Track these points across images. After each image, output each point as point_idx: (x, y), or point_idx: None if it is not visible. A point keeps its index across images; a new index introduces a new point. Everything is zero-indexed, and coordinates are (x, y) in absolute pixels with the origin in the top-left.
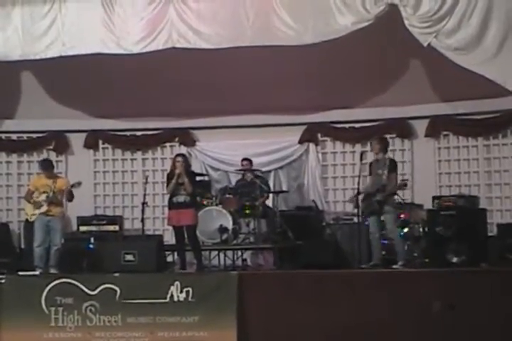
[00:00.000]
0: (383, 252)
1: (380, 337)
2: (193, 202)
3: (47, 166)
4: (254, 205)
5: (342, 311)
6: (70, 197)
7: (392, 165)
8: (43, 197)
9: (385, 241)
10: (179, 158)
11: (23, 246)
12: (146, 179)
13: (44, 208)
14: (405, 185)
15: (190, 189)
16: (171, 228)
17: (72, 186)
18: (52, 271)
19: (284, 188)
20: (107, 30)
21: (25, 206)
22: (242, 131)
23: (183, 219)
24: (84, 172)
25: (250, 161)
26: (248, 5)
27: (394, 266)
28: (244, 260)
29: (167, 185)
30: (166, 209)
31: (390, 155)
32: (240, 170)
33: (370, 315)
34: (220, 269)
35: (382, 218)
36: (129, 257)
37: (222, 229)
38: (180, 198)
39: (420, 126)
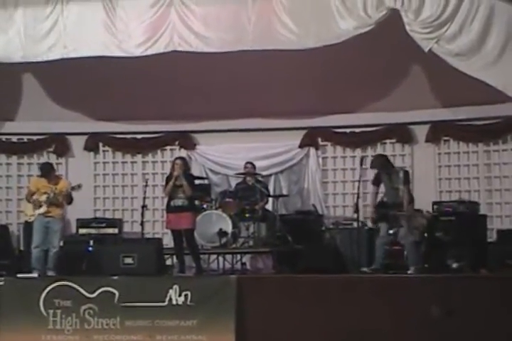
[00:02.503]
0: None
1: None
2: (191, 206)
3: (47, 170)
4: (254, 209)
5: (341, 316)
6: (69, 200)
7: (406, 178)
8: (44, 197)
9: (387, 247)
10: (178, 161)
11: (22, 248)
12: (146, 182)
13: (44, 209)
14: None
15: (190, 192)
16: (170, 231)
17: (73, 189)
18: (50, 273)
19: (284, 192)
20: (108, 32)
21: (24, 207)
22: (242, 134)
23: (182, 222)
24: (84, 175)
25: (253, 165)
26: (250, 9)
27: (408, 272)
28: (243, 264)
29: (165, 187)
30: (165, 213)
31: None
32: (240, 173)
33: (369, 320)
34: (219, 273)
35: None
36: (128, 260)
37: (222, 233)
38: (179, 202)
39: (421, 132)
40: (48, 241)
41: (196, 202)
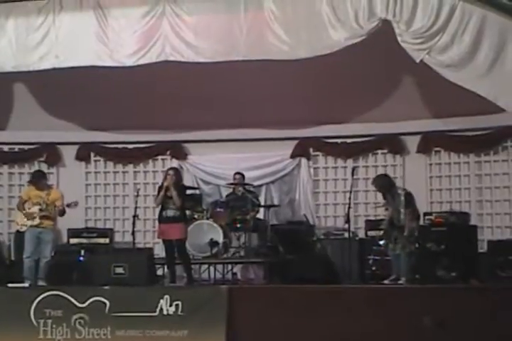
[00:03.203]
0: (374, 268)
1: None
2: (183, 217)
3: (38, 177)
4: (245, 219)
5: (332, 326)
6: (62, 214)
7: (407, 201)
8: (36, 209)
9: (378, 257)
10: (170, 172)
11: (13, 257)
12: (138, 192)
13: (36, 221)
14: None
15: (179, 202)
16: (161, 241)
17: (68, 206)
18: (41, 283)
19: (276, 202)
20: (100, 42)
21: (15, 215)
22: (234, 144)
23: (173, 233)
24: (75, 185)
25: (243, 175)
26: (242, 19)
27: (399, 282)
28: (234, 274)
29: (156, 197)
30: (157, 223)
31: (400, 188)
32: (231, 184)
33: (360, 331)
34: (210, 283)
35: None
36: (119, 270)
37: (213, 243)
38: (170, 212)
39: (412, 142)
40: (39, 251)
41: (187, 212)
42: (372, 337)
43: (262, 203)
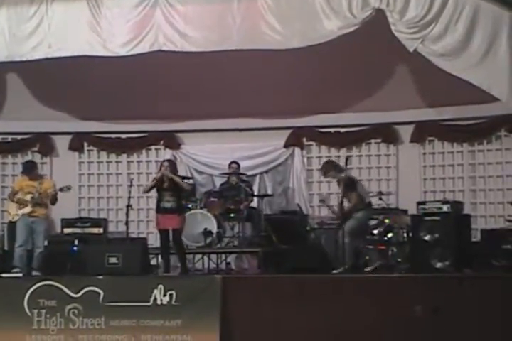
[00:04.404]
0: (367, 257)
1: None
2: (179, 208)
3: (30, 168)
4: (239, 209)
5: (326, 315)
6: (54, 201)
7: (347, 185)
8: (28, 197)
9: (371, 247)
10: (165, 163)
11: (6, 248)
12: (131, 182)
13: (28, 209)
14: None
15: (189, 187)
16: (155, 231)
17: (61, 190)
18: (35, 273)
19: (269, 192)
20: (93, 32)
21: (7, 206)
22: (227, 134)
23: (169, 223)
24: (69, 175)
25: (238, 165)
26: (235, 9)
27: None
28: (228, 264)
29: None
30: (151, 212)
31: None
32: (225, 173)
33: (354, 320)
34: (204, 273)
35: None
36: (113, 260)
37: (207, 233)
38: (167, 204)
39: (406, 132)
40: (32, 241)
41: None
42: (365, 326)
43: (256, 193)
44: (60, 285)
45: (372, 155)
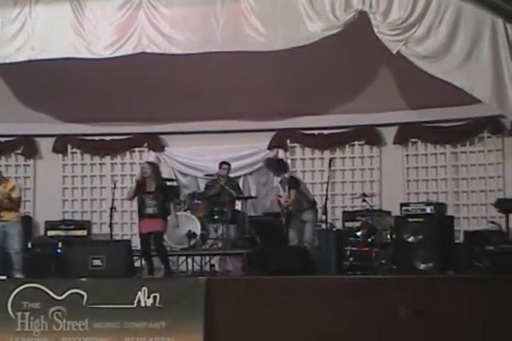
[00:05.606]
0: (351, 259)
1: None
2: (161, 212)
3: None
4: (223, 211)
5: (310, 317)
6: (17, 202)
7: (289, 183)
8: None
9: (355, 248)
10: (144, 165)
11: None
12: (115, 184)
13: None
14: None
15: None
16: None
17: None
18: (18, 275)
19: (253, 194)
20: (76, 34)
21: None
22: (211, 136)
23: (151, 226)
24: (52, 177)
25: (229, 165)
26: (218, 11)
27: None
28: (212, 265)
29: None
30: (135, 215)
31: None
32: (209, 175)
33: (338, 322)
34: (188, 275)
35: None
36: (97, 262)
37: (191, 235)
38: (150, 210)
39: (389, 133)
40: (7, 245)
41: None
42: (349, 327)
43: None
44: (43, 288)
45: (356, 157)
